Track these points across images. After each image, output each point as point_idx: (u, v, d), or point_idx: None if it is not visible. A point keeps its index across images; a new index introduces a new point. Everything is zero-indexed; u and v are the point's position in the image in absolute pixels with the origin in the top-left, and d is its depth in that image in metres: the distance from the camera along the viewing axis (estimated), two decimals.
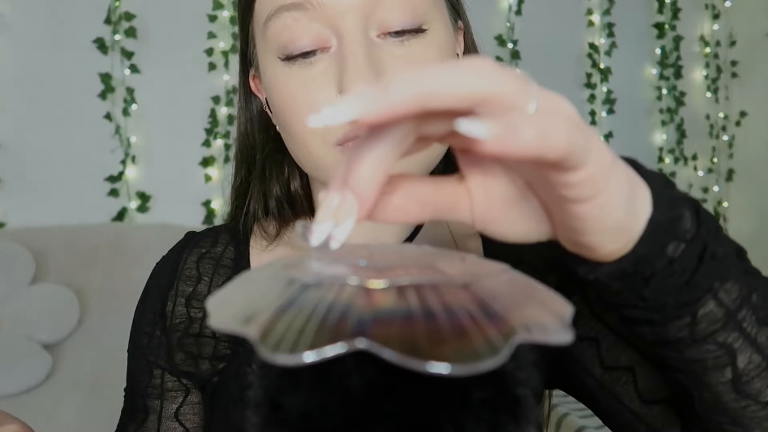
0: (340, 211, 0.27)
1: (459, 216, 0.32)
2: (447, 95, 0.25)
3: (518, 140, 0.24)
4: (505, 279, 0.25)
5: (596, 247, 0.31)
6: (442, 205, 0.31)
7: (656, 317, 0.34)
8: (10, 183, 2.06)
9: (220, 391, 0.57)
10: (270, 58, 0.51)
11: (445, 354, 0.19)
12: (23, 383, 1.71)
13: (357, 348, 0.19)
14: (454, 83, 0.25)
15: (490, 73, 0.25)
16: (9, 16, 2.05)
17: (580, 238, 0.31)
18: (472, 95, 0.25)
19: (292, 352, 0.19)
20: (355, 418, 0.22)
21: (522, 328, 0.21)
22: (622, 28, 2.87)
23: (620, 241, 0.31)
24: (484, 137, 0.24)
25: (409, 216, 0.30)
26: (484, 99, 0.25)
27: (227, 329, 0.21)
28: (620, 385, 0.49)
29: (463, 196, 0.31)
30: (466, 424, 0.22)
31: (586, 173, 0.27)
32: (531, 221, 0.32)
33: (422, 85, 0.24)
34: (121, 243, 1.98)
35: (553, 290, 0.25)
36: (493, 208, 0.31)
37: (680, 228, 0.32)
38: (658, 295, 0.33)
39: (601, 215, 0.29)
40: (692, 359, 0.35)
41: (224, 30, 2.27)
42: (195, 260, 0.61)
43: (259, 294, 0.23)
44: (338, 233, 0.27)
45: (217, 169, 2.29)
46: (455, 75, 0.25)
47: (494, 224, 0.32)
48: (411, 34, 0.49)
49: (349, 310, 0.21)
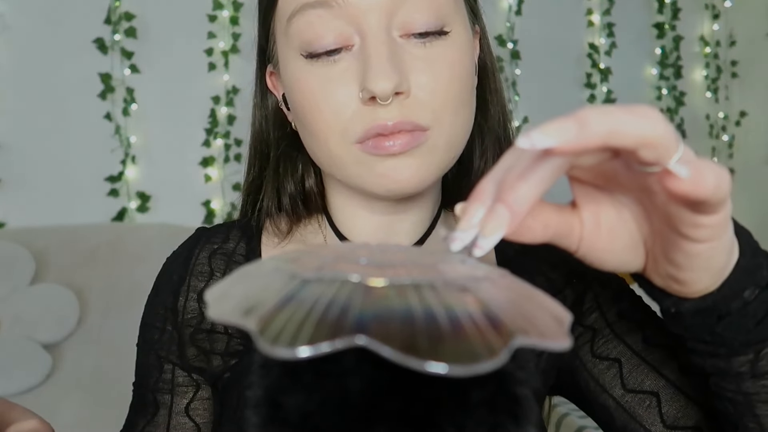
0: (490, 223, 0.29)
1: (570, 242, 0.36)
2: (630, 136, 0.28)
3: (702, 181, 0.28)
4: (504, 283, 0.25)
5: (691, 284, 0.35)
6: (560, 230, 0.35)
7: (722, 351, 0.38)
8: (10, 183, 2.06)
9: (230, 387, 0.57)
10: (292, 55, 0.51)
11: (443, 354, 0.19)
12: (23, 383, 1.71)
13: (356, 344, 0.19)
14: (637, 126, 0.28)
15: (659, 120, 0.29)
16: (9, 16, 2.05)
17: (679, 274, 0.34)
18: (645, 138, 0.28)
19: (291, 346, 0.19)
20: (355, 417, 0.22)
21: (521, 332, 0.21)
22: (622, 28, 2.87)
23: (715, 281, 0.35)
24: (685, 179, 0.28)
25: (535, 236, 0.34)
26: (651, 142, 0.28)
27: (226, 321, 0.21)
28: (643, 409, 0.52)
29: (577, 223, 0.35)
30: (466, 424, 0.22)
31: (720, 218, 0.31)
32: (630, 253, 0.36)
33: (614, 125, 0.28)
34: (121, 243, 1.98)
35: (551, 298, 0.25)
36: (600, 239, 0.35)
37: (759, 275, 0.36)
38: (727, 332, 0.37)
39: (712, 256, 0.33)
40: (748, 392, 0.39)
41: (224, 30, 2.26)
42: (207, 256, 0.61)
43: (259, 287, 0.23)
44: (485, 243, 0.29)
45: (217, 169, 2.29)
46: (638, 119, 0.28)
47: (597, 252, 0.36)
48: (433, 35, 0.49)
49: (350, 307, 0.21)
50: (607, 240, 0.35)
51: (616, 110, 0.28)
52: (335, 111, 0.49)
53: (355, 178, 0.51)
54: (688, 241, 0.32)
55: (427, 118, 0.49)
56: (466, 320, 0.21)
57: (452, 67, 0.49)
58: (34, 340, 1.80)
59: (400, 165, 0.48)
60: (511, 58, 2.66)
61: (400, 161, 0.48)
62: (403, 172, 0.48)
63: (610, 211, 0.35)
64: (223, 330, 0.58)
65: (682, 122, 3.05)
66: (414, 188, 0.50)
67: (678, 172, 0.28)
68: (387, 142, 0.48)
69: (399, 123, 0.47)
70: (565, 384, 0.57)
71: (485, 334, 0.20)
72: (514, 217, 0.29)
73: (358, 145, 0.49)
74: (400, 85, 0.47)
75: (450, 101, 0.49)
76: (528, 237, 0.33)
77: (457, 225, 0.30)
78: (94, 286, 1.92)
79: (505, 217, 0.29)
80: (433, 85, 0.49)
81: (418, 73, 0.48)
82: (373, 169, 0.49)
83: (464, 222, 0.29)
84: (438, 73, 0.49)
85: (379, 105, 0.47)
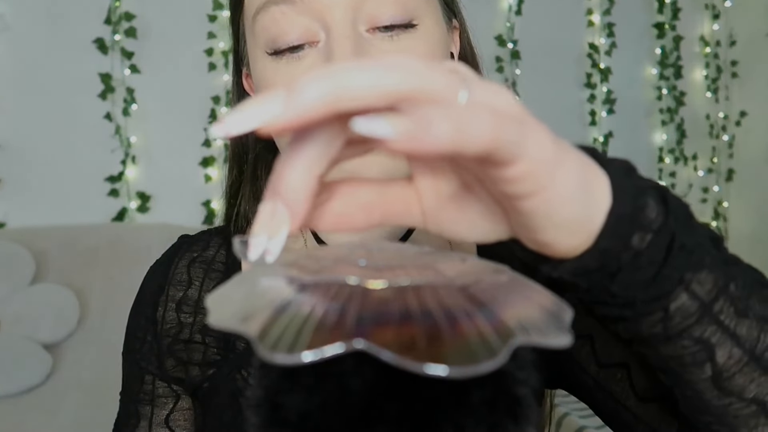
0: (272, 223, 0.25)
1: (411, 220, 0.30)
2: (362, 94, 0.23)
3: (430, 136, 0.22)
4: (504, 281, 0.25)
5: (553, 244, 0.29)
6: (390, 210, 0.29)
7: (628, 314, 0.31)
8: (10, 183, 2.06)
9: (211, 397, 0.57)
10: (258, 53, 0.50)
11: (443, 355, 0.19)
12: (23, 383, 1.71)
13: (355, 348, 0.19)
14: (369, 81, 0.23)
15: (412, 69, 0.23)
16: (9, 16, 2.05)
17: (534, 236, 0.29)
18: (390, 93, 0.23)
19: (291, 352, 0.19)
20: (354, 418, 0.22)
21: (520, 330, 0.21)
22: (622, 28, 2.87)
23: (579, 236, 0.29)
24: (389, 136, 0.22)
25: (353, 223, 0.29)
26: (404, 96, 0.23)
27: (226, 327, 0.21)
28: (615, 383, 0.48)
29: (413, 198, 0.30)
30: (466, 424, 0.22)
31: (523, 168, 0.25)
32: (487, 221, 0.30)
33: (334, 85, 0.23)
34: (121, 243, 1.98)
35: (552, 293, 0.25)
36: (446, 209, 0.30)
37: (645, 218, 0.30)
38: (626, 290, 0.30)
39: (549, 210, 0.27)
40: (669, 356, 0.33)
41: (224, 30, 2.27)
42: (186, 264, 0.60)
43: (257, 292, 0.23)
44: (272, 246, 0.25)
45: (217, 169, 2.29)
46: (371, 72, 0.23)
47: (449, 225, 0.30)
48: (401, 29, 0.48)
49: (348, 310, 0.21)
50: (456, 210, 0.30)
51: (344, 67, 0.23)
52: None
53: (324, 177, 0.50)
54: (513, 200, 0.27)
55: None
56: (464, 320, 0.21)
57: None
58: (34, 340, 1.80)
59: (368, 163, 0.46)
60: (511, 58, 2.66)
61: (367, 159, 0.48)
62: (371, 171, 0.47)
63: (450, 177, 0.29)
64: (201, 340, 0.58)
65: (682, 122, 3.05)
66: None
67: (370, 131, 0.22)
68: None
69: None
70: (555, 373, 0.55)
71: (484, 333, 0.20)
72: (293, 211, 0.25)
73: None
74: None
75: None
76: (345, 224, 0.29)
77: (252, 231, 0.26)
78: (94, 286, 1.92)
79: (283, 213, 0.25)
80: None
81: None
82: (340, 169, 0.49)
83: (255, 225, 0.26)
84: None
85: None
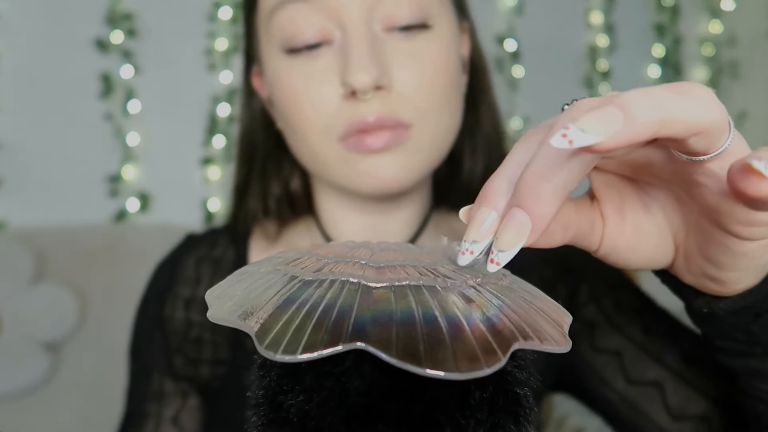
0: (507, 233, 0.24)
1: (590, 241, 0.30)
2: (684, 123, 0.23)
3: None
4: (505, 284, 0.25)
5: (731, 284, 0.30)
6: (582, 229, 0.30)
7: (757, 351, 0.34)
8: (11, 183, 2.06)
9: (219, 395, 0.57)
10: (273, 52, 0.50)
11: (442, 358, 0.19)
12: (23, 383, 1.71)
13: (355, 348, 0.19)
14: (691, 112, 0.23)
15: (713, 102, 0.24)
16: (9, 16, 2.05)
17: (719, 273, 0.30)
18: (701, 125, 0.23)
19: (290, 350, 0.19)
20: (355, 418, 0.22)
21: (520, 335, 0.21)
22: (622, 28, 2.87)
23: (756, 278, 0.30)
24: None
25: (554, 240, 0.29)
26: (706, 129, 0.24)
27: (226, 323, 0.21)
28: (647, 401, 0.49)
29: (598, 219, 0.30)
30: (466, 424, 0.22)
31: None
32: (658, 252, 0.31)
33: (664, 112, 0.23)
34: (122, 243, 1.98)
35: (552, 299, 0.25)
36: (624, 236, 0.30)
37: None
38: (765, 331, 0.33)
39: (762, 255, 0.28)
40: None
41: (224, 30, 2.26)
42: (194, 263, 0.60)
43: (258, 289, 0.23)
44: (501, 257, 0.24)
45: (217, 169, 2.29)
46: (691, 102, 0.23)
47: (620, 252, 0.31)
48: (416, 29, 0.48)
49: (348, 309, 0.21)
50: (633, 237, 0.30)
51: (662, 92, 0.23)
52: (317, 107, 0.48)
53: (338, 176, 0.50)
54: (736, 239, 0.27)
55: (410, 114, 0.48)
56: (465, 324, 0.21)
57: (436, 62, 0.48)
58: (34, 340, 1.80)
59: (383, 162, 0.47)
60: (511, 58, 2.66)
61: (382, 158, 0.47)
62: (386, 170, 0.47)
63: (636, 204, 0.30)
64: (210, 338, 0.57)
65: None
66: (398, 186, 0.49)
67: (761, 168, 0.22)
68: (368, 139, 0.47)
69: (380, 118, 0.47)
70: (566, 381, 0.56)
71: (484, 338, 0.20)
72: (536, 224, 0.24)
73: (341, 142, 0.48)
74: (380, 78, 0.46)
75: (434, 97, 0.48)
76: (547, 242, 0.28)
77: (465, 234, 0.25)
78: (94, 286, 1.92)
79: (526, 226, 0.24)
80: (416, 80, 0.47)
81: (400, 67, 0.47)
82: (356, 167, 0.48)
83: (473, 230, 0.24)
84: (421, 68, 0.48)
85: (360, 100, 0.46)
